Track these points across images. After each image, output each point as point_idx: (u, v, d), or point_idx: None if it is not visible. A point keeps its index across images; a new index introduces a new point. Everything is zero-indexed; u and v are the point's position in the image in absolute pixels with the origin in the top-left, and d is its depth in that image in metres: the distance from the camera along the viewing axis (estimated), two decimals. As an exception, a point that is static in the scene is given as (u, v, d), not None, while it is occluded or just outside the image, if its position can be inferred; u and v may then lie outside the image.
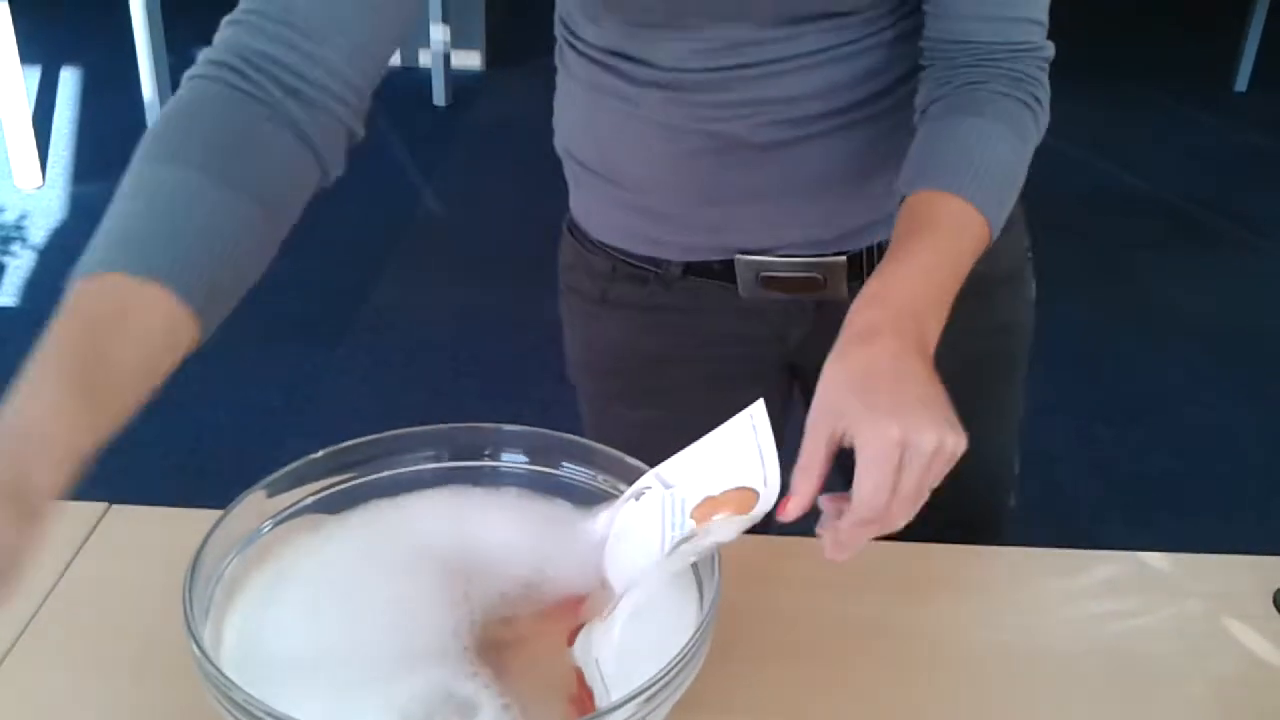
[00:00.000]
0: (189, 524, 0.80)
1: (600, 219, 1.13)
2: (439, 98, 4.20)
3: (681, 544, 0.75)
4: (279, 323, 2.92)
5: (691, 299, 1.12)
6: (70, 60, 4.34)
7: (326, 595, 0.78)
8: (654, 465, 0.80)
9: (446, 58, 4.18)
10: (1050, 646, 0.90)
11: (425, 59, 4.21)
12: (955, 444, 0.75)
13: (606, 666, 0.71)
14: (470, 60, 4.48)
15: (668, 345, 1.15)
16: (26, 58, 3.46)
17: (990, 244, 0.88)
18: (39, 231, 3.30)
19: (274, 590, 0.78)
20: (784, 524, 0.77)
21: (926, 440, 0.74)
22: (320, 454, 0.83)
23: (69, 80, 4.21)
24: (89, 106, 4.03)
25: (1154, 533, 2.34)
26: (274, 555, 0.80)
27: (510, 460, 0.87)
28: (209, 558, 0.75)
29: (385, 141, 3.84)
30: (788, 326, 1.13)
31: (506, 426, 0.87)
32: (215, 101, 0.79)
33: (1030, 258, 1.17)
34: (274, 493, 0.81)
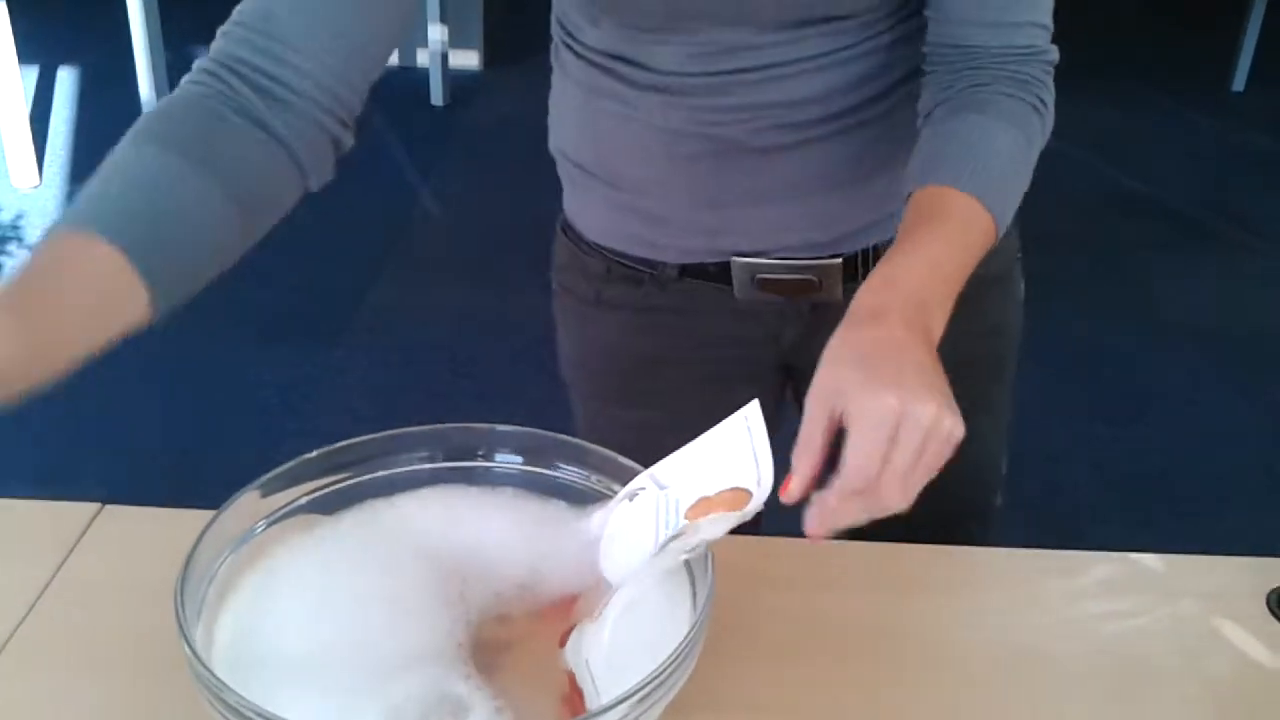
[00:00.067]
0: (183, 524, 0.80)
1: (596, 220, 1.13)
2: (437, 97, 4.19)
3: (671, 542, 0.75)
4: (276, 322, 2.92)
5: (687, 300, 1.11)
6: (68, 60, 4.34)
7: (320, 596, 0.78)
8: (648, 466, 0.80)
9: (444, 57, 4.18)
10: (1044, 647, 0.90)
11: (423, 58, 4.21)
12: (954, 426, 0.73)
13: (597, 667, 0.71)
14: (468, 60, 4.47)
15: (662, 346, 1.15)
16: (24, 57, 3.46)
17: (995, 242, 0.88)
18: (36, 231, 3.30)
19: (267, 590, 0.78)
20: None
21: (925, 411, 0.72)
22: (314, 454, 0.83)
23: (66, 80, 4.21)
24: (86, 106, 4.02)
25: (1152, 533, 2.34)
26: (267, 555, 0.80)
27: (505, 460, 0.87)
28: (202, 558, 0.75)
29: (382, 141, 3.83)
30: (783, 328, 1.13)
31: (500, 427, 0.87)
32: (201, 102, 0.83)
33: (1020, 258, 1.17)
34: (268, 493, 0.81)
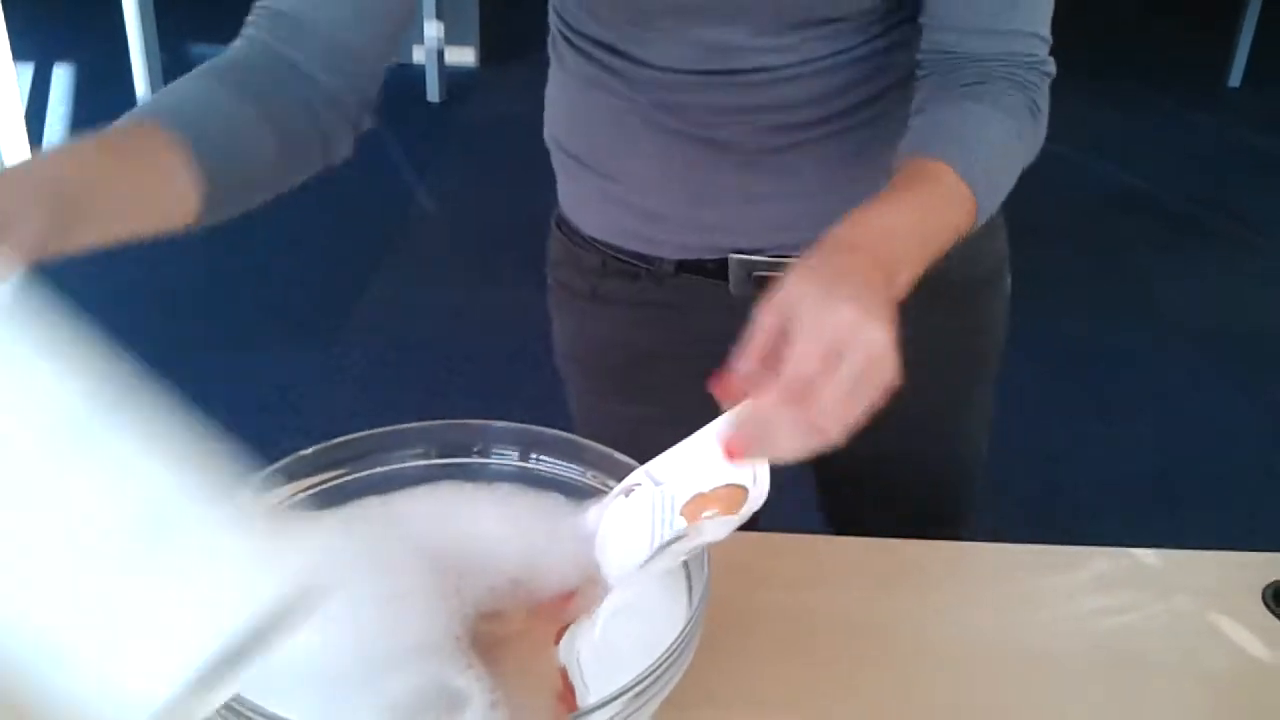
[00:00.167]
0: (178, 521, 0.80)
1: (592, 215, 1.13)
2: (433, 94, 4.19)
3: (671, 544, 0.75)
4: (272, 319, 2.92)
5: (683, 295, 1.11)
6: (63, 57, 4.34)
7: (316, 592, 0.78)
8: (644, 461, 0.80)
9: (440, 54, 4.17)
10: (1041, 643, 0.90)
11: (419, 55, 4.20)
12: (893, 367, 0.70)
13: (587, 665, 0.71)
14: (464, 56, 4.47)
15: (658, 341, 1.15)
16: (19, 55, 3.45)
17: (975, 228, 0.86)
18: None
19: (263, 587, 0.78)
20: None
21: (877, 336, 0.68)
22: (310, 450, 0.83)
23: (62, 77, 4.21)
24: (82, 104, 4.02)
25: (1150, 531, 2.34)
26: (263, 552, 0.80)
27: (500, 456, 0.87)
28: (198, 554, 0.74)
29: (379, 138, 3.83)
30: (779, 324, 1.12)
31: (496, 423, 0.87)
32: (240, 60, 0.89)
33: (1007, 257, 1.17)
34: (264, 489, 0.80)
